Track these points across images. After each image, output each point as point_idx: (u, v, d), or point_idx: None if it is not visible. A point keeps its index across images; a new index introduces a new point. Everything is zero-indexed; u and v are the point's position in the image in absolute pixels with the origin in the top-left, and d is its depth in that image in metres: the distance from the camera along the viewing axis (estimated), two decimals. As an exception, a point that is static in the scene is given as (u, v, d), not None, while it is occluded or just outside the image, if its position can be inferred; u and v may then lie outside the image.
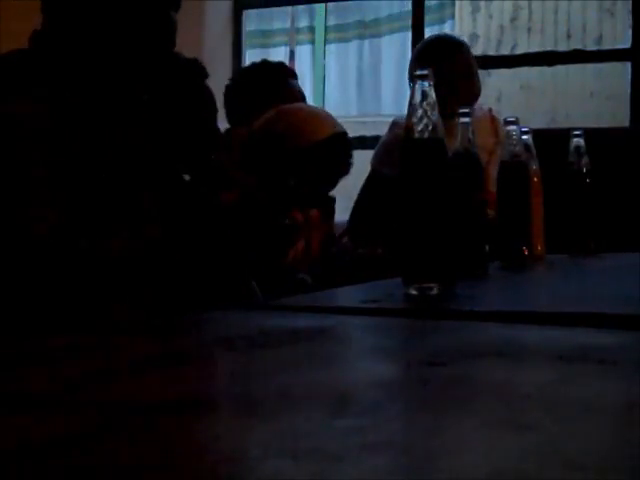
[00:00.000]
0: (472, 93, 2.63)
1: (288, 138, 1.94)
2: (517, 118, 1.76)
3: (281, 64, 2.62)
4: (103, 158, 1.44)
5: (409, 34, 3.87)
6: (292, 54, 6.14)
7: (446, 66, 2.55)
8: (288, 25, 6.15)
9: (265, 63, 2.58)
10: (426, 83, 1.18)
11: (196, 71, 1.71)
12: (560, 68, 4.70)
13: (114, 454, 0.45)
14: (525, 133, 1.82)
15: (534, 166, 1.87)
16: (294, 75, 2.60)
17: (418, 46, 2.80)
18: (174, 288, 1.42)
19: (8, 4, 3.10)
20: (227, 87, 2.54)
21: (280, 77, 2.51)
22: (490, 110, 2.73)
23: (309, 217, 1.92)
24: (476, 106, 2.60)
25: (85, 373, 0.69)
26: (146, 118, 1.50)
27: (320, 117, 2.08)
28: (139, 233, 1.44)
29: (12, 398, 0.59)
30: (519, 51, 5.70)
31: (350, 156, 2.04)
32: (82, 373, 0.69)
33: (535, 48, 5.55)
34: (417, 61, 2.60)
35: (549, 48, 5.50)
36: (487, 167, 2.08)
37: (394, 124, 2.69)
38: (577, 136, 2.08)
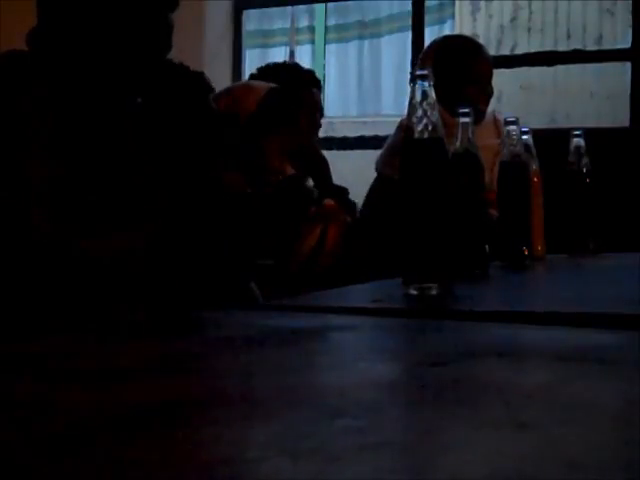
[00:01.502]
0: (492, 95, 2.63)
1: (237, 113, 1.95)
2: (517, 118, 1.76)
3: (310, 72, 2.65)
4: (100, 157, 1.45)
5: (409, 34, 3.87)
6: (292, 54, 6.14)
7: (479, 62, 2.55)
8: (288, 25, 6.15)
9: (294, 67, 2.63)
10: (426, 83, 1.19)
11: (200, 85, 1.72)
12: (560, 68, 4.70)
13: (113, 454, 0.45)
14: (525, 133, 1.82)
15: (534, 166, 1.87)
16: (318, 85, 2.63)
17: (440, 43, 2.68)
18: (174, 288, 1.42)
19: (8, 4, 3.10)
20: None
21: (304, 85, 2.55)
22: (493, 112, 2.72)
23: (325, 206, 1.92)
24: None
25: (85, 373, 0.69)
26: (140, 120, 1.50)
27: (252, 84, 2.15)
28: (136, 233, 1.45)
29: (11, 397, 0.59)
30: (519, 51, 5.70)
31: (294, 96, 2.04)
32: (82, 373, 0.69)
33: (535, 48, 5.54)
34: (447, 58, 2.55)
35: (549, 48, 5.50)
36: (492, 168, 2.07)
37: (401, 127, 2.66)
38: (577, 136, 2.08)
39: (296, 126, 2.24)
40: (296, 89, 2.50)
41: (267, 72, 2.60)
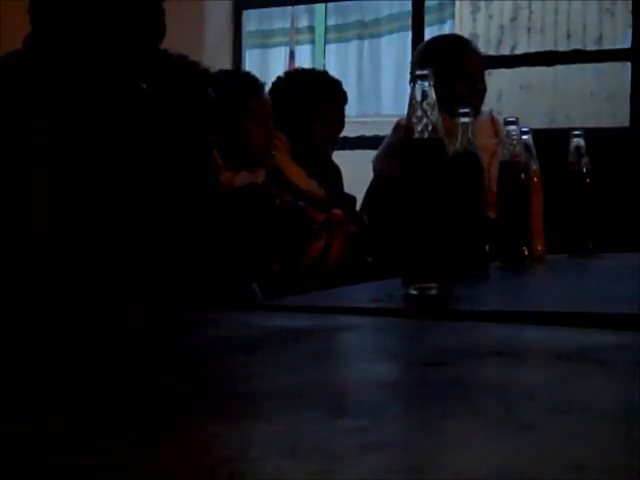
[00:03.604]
0: (485, 91, 2.63)
1: None
2: (517, 118, 1.76)
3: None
4: (104, 153, 1.45)
5: (409, 34, 3.87)
6: (292, 54, 6.14)
7: (467, 58, 2.55)
8: (288, 25, 6.14)
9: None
10: (426, 83, 1.18)
11: (197, 74, 1.72)
12: (560, 68, 4.69)
13: (114, 454, 0.45)
14: (525, 133, 1.82)
15: (534, 166, 1.87)
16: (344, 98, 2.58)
17: (430, 43, 2.69)
18: (174, 287, 1.42)
19: (8, 4, 3.10)
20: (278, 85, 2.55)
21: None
22: (491, 111, 2.72)
23: (332, 215, 1.92)
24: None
25: (85, 372, 0.69)
26: (147, 107, 1.51)
27: None
28: (132, 227, 1.46)
29: (12, 397, 0.59)
30: (519, 51, 5.69)
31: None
32: (82, 372, 0.69)
33: (535, 48, 5.54)
34: (436, 56, 2.55)
35: (549, 48, 5.50)
36: (489, 168, 2.08)
37: (398, 126, 2.66)
38: (577, 136, 2.08)
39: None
40: (316, 100, 2.48)
41: (294, 77, 2.59)
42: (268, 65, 5.63)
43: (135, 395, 0.60)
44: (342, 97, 2.57)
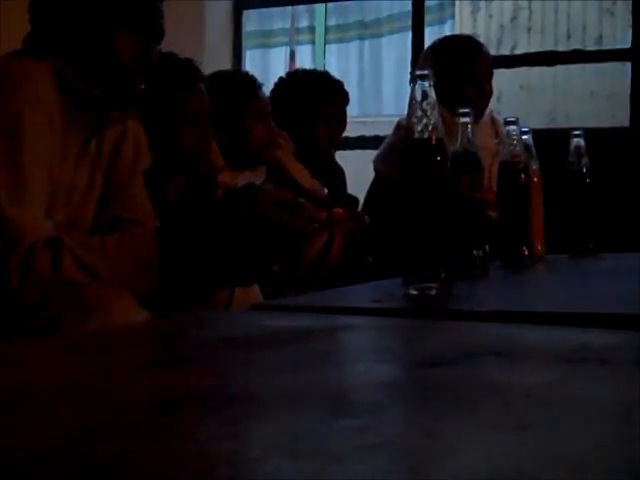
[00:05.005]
0: (491, 93, 2.63)
1: None
2: (517, 118, 1.76)
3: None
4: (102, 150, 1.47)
5: (409, 34, 3.87)
6: (292, 54, 6.14)
7: (478, 61, 2.55)
8: (288, 25, 6.15)
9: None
10: (426, 83, 1.18)
11: (191, 72, 1.73)
12: (560, 68, 4.70)
13: (113, 454, 0.45)
14: (525, 133, 1.82)
15: (534, 166, 1.87)
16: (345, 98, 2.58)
17: (440, 42, 2.68)
18: (175, 288, 1.42)
19: (8, 4, 3.10)
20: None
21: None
22: (491, 112, 2.72)
23: (334, 214, 1.91)
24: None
25: (85, 373, 0.69)
26: (144, 106, 1.52)
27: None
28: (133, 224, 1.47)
29: (12, 397, 0.59)
30: (519, 51, 5.70)
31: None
32: (82, 373, 0.69)
33: (535, 48, 5.54)
34: (447, 55, 2.54)
35: (549, 48, 5.50)
36: (490, 168, 2.08)
37: (399, 126, 2.65)
38: (577, 136, 2.08)
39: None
40: (318, 100, 2.48)
41: (295, 78, 2.59)
42: (268, 65, 5.63)
43: (134, 394, 0.60)
44: (344, 97, 2.58)
